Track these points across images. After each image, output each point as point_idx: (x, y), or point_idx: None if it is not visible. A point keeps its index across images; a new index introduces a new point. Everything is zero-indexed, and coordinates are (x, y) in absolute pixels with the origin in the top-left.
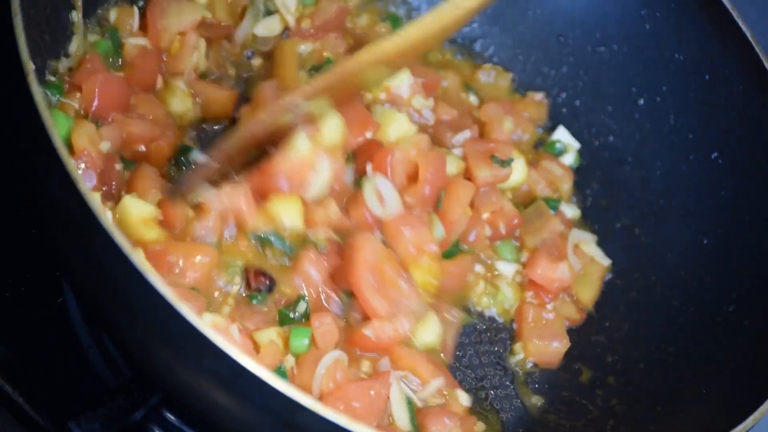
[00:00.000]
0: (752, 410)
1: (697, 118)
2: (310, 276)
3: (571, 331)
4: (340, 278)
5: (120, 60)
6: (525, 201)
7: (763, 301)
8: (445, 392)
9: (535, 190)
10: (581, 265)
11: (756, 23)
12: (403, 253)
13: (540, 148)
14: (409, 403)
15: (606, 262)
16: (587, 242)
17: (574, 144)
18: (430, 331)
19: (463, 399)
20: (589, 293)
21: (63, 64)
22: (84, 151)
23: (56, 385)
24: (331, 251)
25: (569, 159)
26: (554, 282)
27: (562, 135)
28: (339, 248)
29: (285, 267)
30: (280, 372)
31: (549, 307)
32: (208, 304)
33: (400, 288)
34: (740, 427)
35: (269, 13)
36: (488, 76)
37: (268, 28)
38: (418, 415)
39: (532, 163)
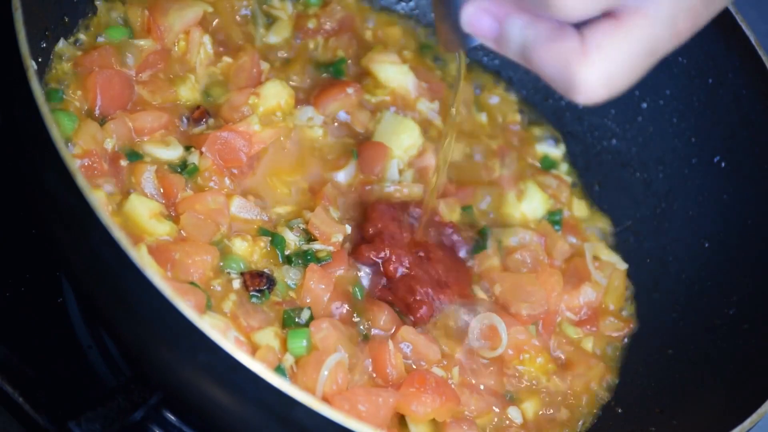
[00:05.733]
0: (751, 412)
1: (699, 122)
2: (317, 293)
3: None
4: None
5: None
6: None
7: (764, 305)
8: None
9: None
10: (607, 279)
11: (756, 24)
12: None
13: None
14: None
15: (623, 266)
16: (602, 250)
17: (558, 153)
18: None
19: None
20: (615, 301)
21: (72, 50)
22: (88, 152)
23: (56, 385)
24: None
25: (564, 167)
26: (582, 308)
27: (544, 148)
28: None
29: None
30: (279, 371)
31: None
32: (209, 299)
33: None
34: (738, 428)
35: (269, 18)
36: (494, 98)
37: (278, 34)
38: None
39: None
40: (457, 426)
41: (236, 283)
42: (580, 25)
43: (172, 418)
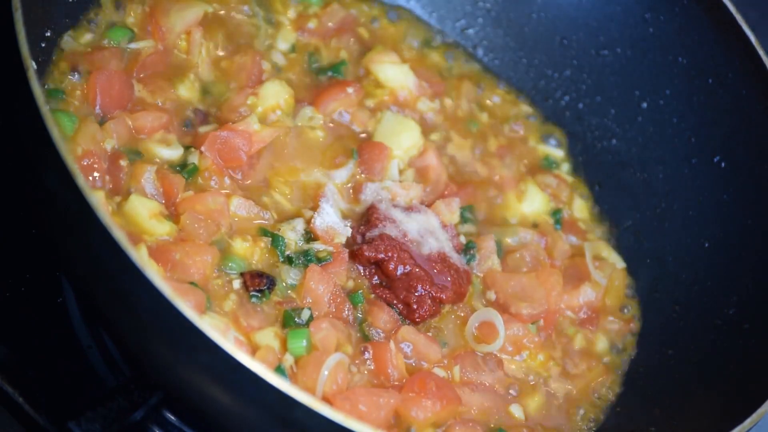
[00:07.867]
0: (750, 412)
1: (699, 122)
2: (318, 293)
3: None
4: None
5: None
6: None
7: (764, 305)
8: None
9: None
10: (607, 279)
11: (757, 24)
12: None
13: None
14: None
15: (622, 265)
16: (602, 249)
17: (558, 153)
18: None
19: None
20: (615, 300)
21: (72, 50)
22: (88, 152)
23: (56, 385)
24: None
25: (565, 167)
26: (582, 307)
27: (545, 148)
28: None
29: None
30: (279, 371)
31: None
32: (209, 299)
33: None
34: (738, 428)
35: (270, 18)
36: (494, 98)
37: (279, 34)
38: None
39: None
40: (462, 427)
41: (236, 283)
42: None
43: (172, 418)
